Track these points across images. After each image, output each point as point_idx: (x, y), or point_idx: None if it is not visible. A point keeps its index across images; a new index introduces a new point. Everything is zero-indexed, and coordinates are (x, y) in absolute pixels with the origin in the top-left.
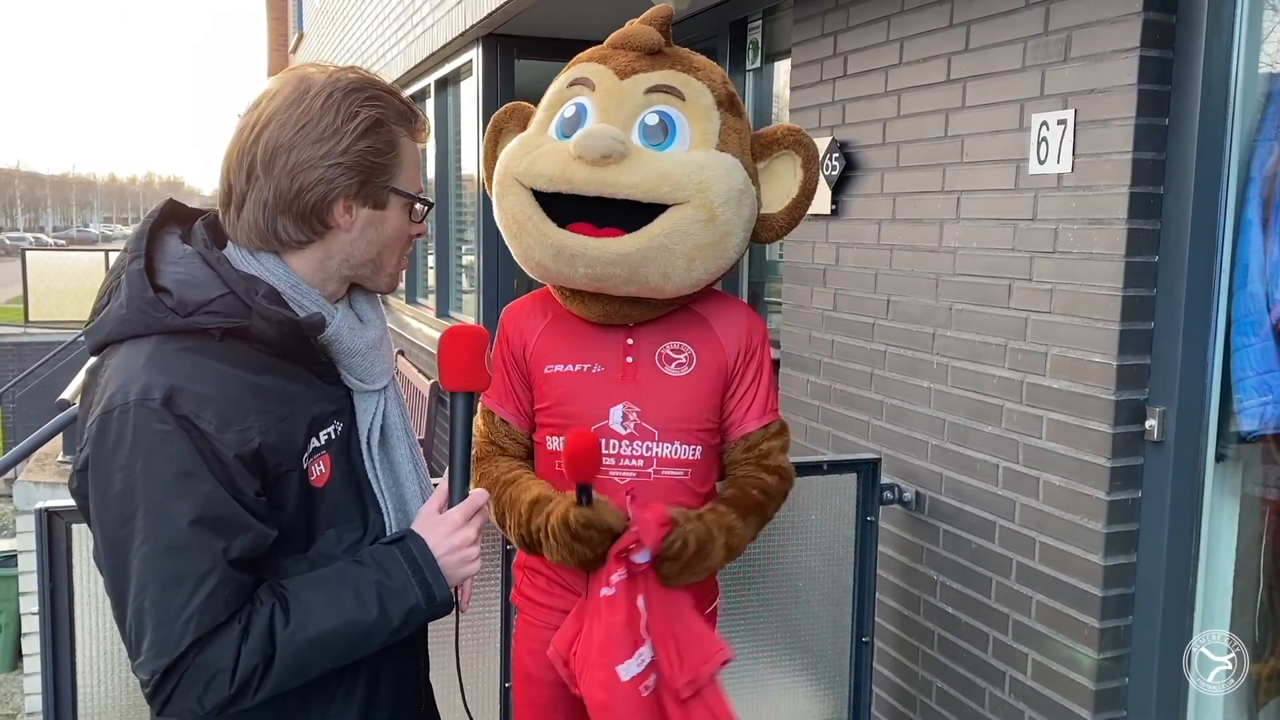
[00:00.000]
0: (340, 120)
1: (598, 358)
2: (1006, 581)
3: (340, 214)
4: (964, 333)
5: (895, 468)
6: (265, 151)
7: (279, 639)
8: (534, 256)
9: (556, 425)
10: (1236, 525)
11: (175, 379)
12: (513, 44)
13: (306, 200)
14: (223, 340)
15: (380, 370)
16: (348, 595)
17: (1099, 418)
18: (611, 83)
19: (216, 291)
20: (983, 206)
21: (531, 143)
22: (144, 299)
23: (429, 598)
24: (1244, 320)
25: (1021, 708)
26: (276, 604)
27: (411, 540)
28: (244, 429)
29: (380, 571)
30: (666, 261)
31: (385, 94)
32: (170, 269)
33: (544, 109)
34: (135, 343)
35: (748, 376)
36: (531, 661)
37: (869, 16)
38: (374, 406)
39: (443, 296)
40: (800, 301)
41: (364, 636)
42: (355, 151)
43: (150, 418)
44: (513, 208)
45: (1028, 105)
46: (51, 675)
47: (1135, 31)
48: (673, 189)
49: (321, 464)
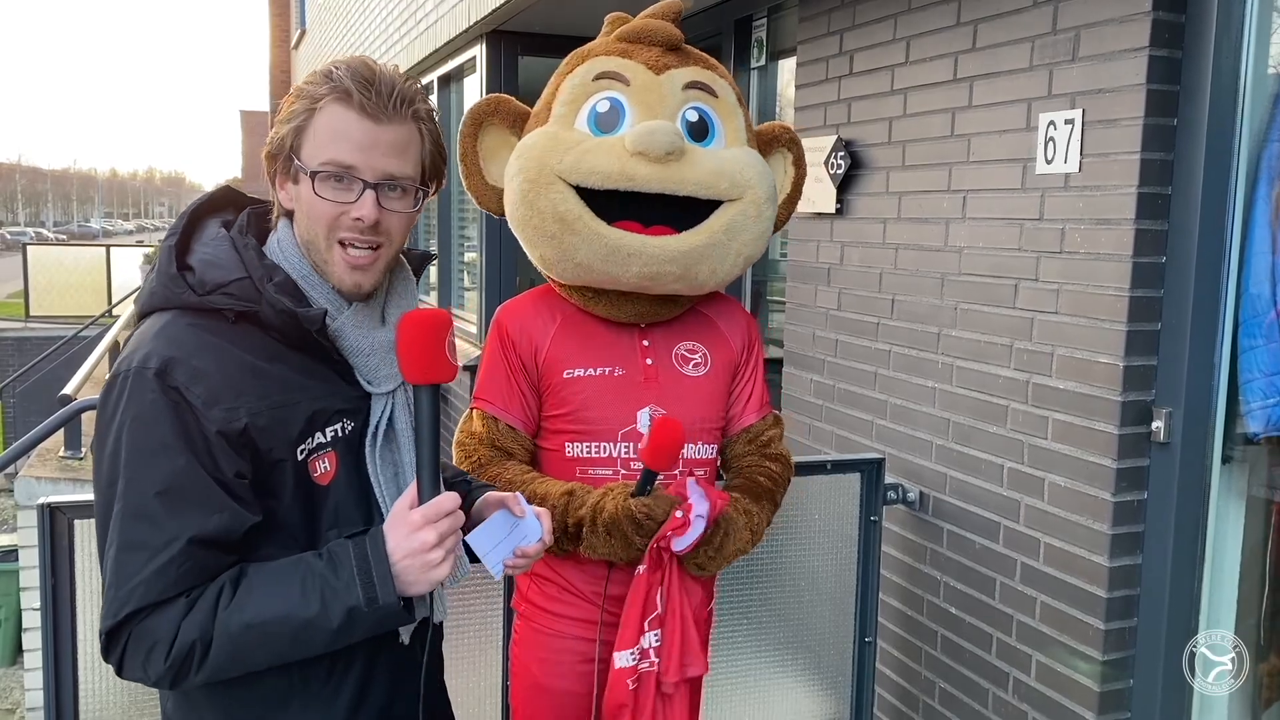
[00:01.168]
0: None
1: (617, 360)
2: (1011, 582)
3: (279, 190)
4: (969, 332)
5: (899, 468)
6: None
7: (218, 619)
8: (576, 257)
9: (578, 431)
10: (1242, 527)
11: (176, 351)
12: (516, 41)
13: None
14: (237, 323)
15: (386, 374)
16: (293, 586)
17: (1105, 419)
18: (647, 78)
19: (235, 274)
20: (989, 206)
21: (566, 138)
22: (168, 274)
23: (370, 599)
24: (1251, 322)
25: (1025, 709)
26: (227, 584)
27: (371, 538)
28: (231, 408)
29: (329, 566)
30: (719, 257)
31: (333, 69)
32: (201, 249)
33: (564, 103)
34: (158, 315)
35: (748, 371)
36: (539, 670)
37: (875, 15)
38: (381, 408)
39: (444, 294)
40: (804, 300)
41: (302, 631)
42: (280, 128)
43: (143, 385)
44: (556, 206)
45: (1035, 105)
46: (53, 671)
47: (1144, 31)
48: (730, 185)
49: (326, 461)
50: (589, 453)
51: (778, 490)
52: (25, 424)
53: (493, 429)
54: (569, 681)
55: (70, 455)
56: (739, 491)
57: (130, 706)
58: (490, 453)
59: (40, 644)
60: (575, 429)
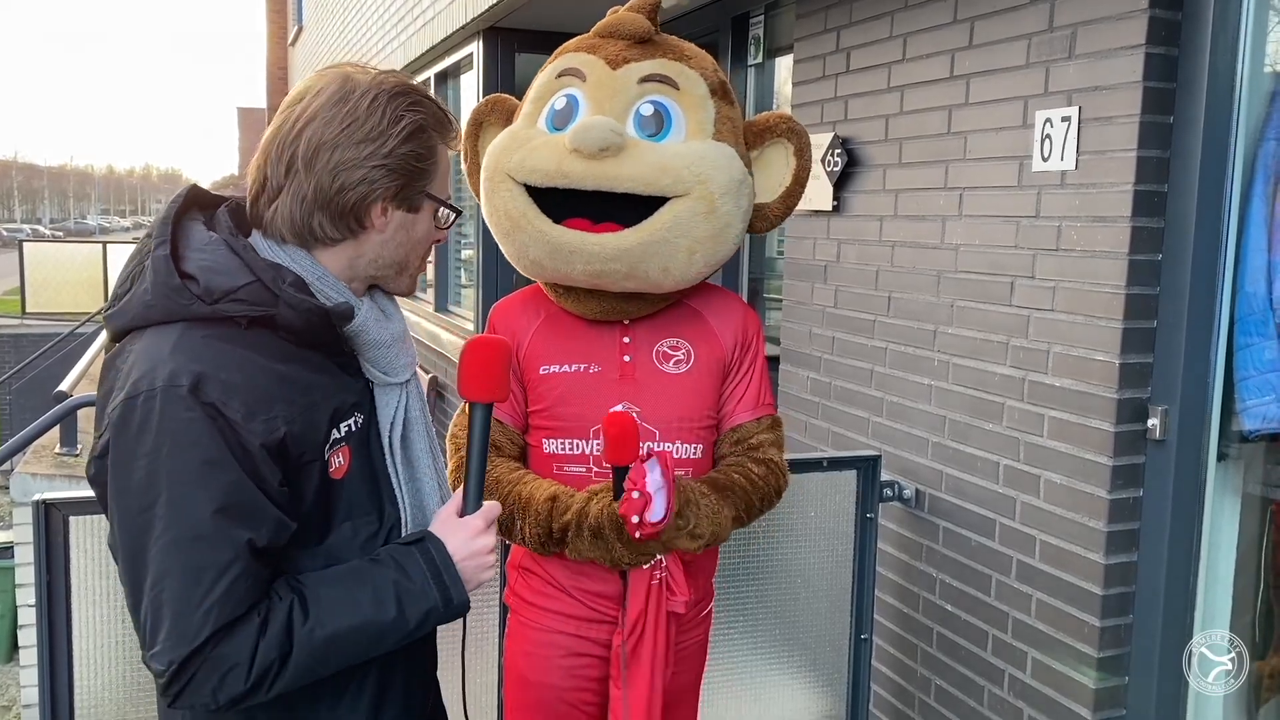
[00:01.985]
0: (386, 123)
1: (594, 357)
2: (1006, 579)
3: (377, 215)
4: (965, 330)
5: (895, 465)
6: (308, 147)
7: (297, 635)
8: (529, 254)
9: (554, 428)
10: (1237, 524)
11: (202, 366)
12: (513, 37)
13: (347, 199)
14: (249, 329)
15: (404, 364)
16: (365, 594)
17: (1101, 416)
18: (603, 73)
19: (243, 279)
20: (985, 204)
21: (521, 136)
22: (170, 285)
23: (446, 600)
24: (1247, 319)
25: (1021, 706)
26: (295, 600)
27: (430, 542)
28: (270, 418)
29: (399, 572)
30: (667, 255)
31: (426, 100)
32: (196, 255)
33: (531, 101)
34: (160, 329)
35: (742, 368)
36: (525, 664)
37: (872, 12)
38: (396, 400)
39: (441, 291)
40: (801, 298)
41: (380, 636)
42: (399, 155)
43: (177, 404)
44: (505, 204)
45: (1031, 102)
46: (48, 667)
47: (1141, 28)
48: (673, 181)
49: (341, 456)
50: (563, 449)
51: (753, 491)
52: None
53: None
54: (557, 676)
55: (66, 452)
56: (704, 484)
57: (125, 703)
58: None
59: (35, 641)
60: (550, 425)
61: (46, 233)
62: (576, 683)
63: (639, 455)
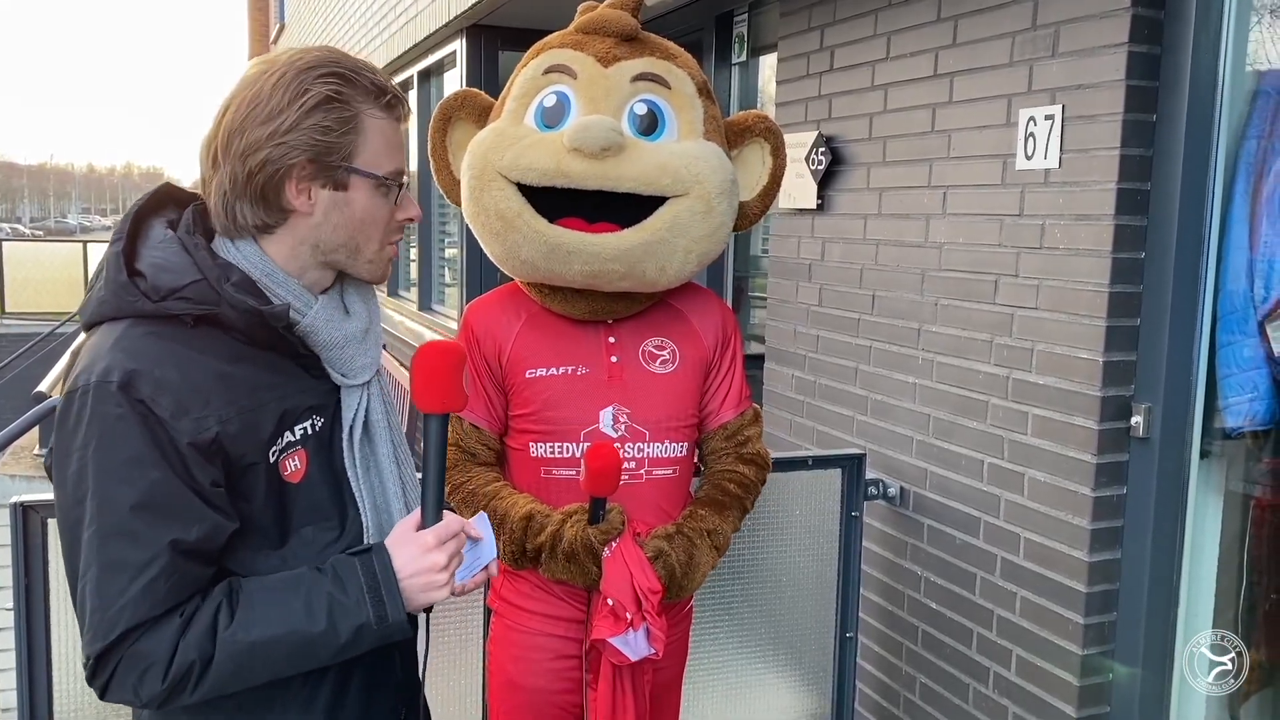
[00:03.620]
0: (288, 99)
1: (581, 359)
2: (991, 577)
3: (294, 195)
4: (950, 328)
5: (880, 463)
6: (223, 136)
7: (220, 638)
8: (520, 254)
9: (542, 431)
10: (1220, 521)
11: (137, 363)
12: (497, 35)
13: (256, 182)
14: (196, 327)
15: (362, 365)
16: (298, 603)
17: (1085, 414)
18: (595, 70)
19: (190, 278)
20: (969, 202)
21: (510, 134)
22: (118, 282)
23: (380, 617)
24: (1229, 317)
25: (1005, 703)
26: (224, 602)
27: (377, 554)
28: (200, 417)
29: (335, 583)
30: (666, 255)
31: (347, 71)
32: (149, 253)
33: (515, 98)
34: (110, 325)
35: (724, 366)
36: (514, 668)
37: (856, 10)
38: (357, 401)
39: (425, 290)
40: (785, 296)
41: (308, 648)
42: (301, 129)
43: (106, 400)
44: (497, 203)
45: (1015, 100)
46: (26, 671)
47: (1124, 27)
48: (673, 181)
49: (296, 459)
50: (553, 453)
51: (748, 496)
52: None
53: (457, 429)
54: (544, 679)
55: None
56: (705, 505)
57: (105, 707)
58: (456, 455)
59: (14, 645)
60: (539, 429)
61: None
62: (565, 685)
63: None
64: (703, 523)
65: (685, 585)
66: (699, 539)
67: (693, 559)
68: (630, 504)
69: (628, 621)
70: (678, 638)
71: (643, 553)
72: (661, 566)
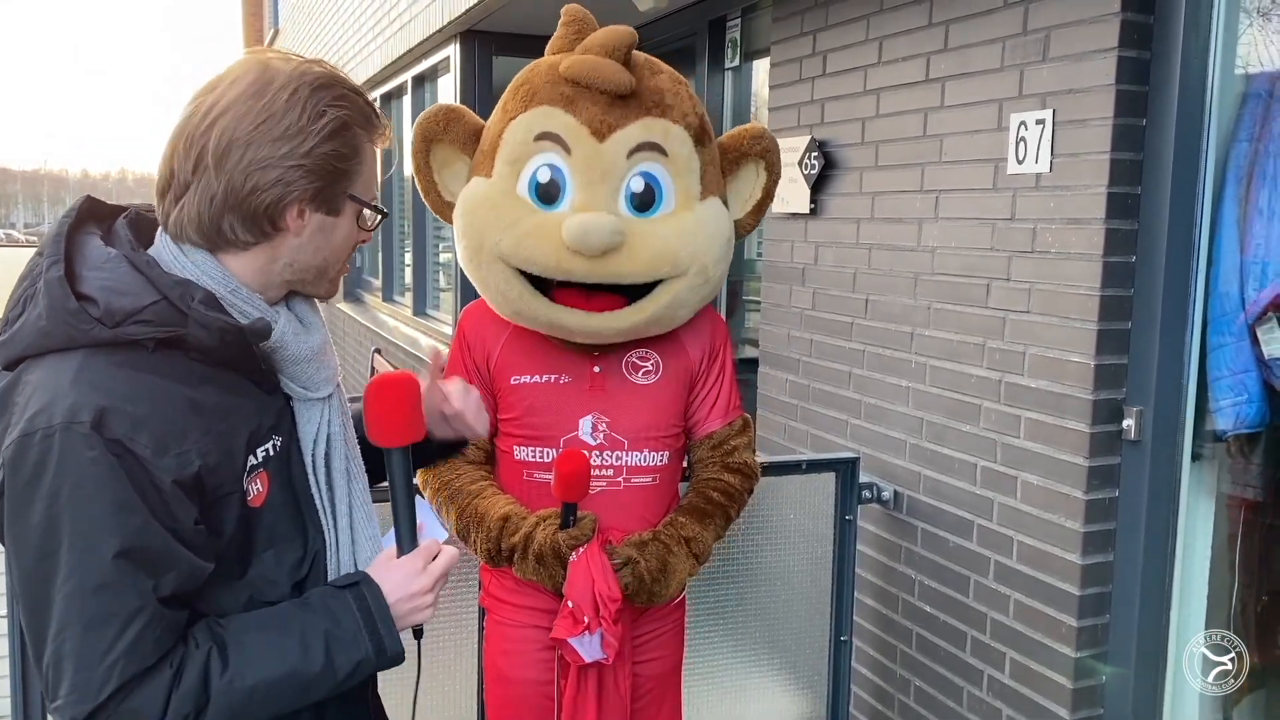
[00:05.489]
0: (306, 120)
1: (564, 368)
2: (985, 580)
3: (293, 218)
4: (942, 332)
5: (874, 467)
6: (219, 143)
7: (214, 687)
8: (521, 320)
9: (525, 436)
10: (1212, 524)
11: (106, 399)
12: (490, 40)
13: (260, 200)
14: (156, 351)
15: (324, 377)
16: (292, 642)
17: (1077, 417)
18: (590, 148)
19: (148, 299)
20: (961, 206)
21: (506, 211)
22: (66, 309)
23: (379, 650)
24: (1220, 320)
25: (999, 706)
26: (214, 648)
27: (366, 586)
28: (182, 452)
29: (330, 619)
30: (669, 322)
31: (351, 94)
32: (94, 275)
33: (505, 160)
34: (59, 357)
35: (711, 376)
36: (505, 662)
37: (848, 15)
38: (319, 416)
39: (420, 294)
40: (779, 300)
41: (307, 687)
42: (319, 155)
43: (78, 443)
44: (497, 283)
45: (1006, 105)
46: (20, 677)
47: (1113, 32)
48: (672, 267)
49: (259, 482)
50: (534, 457)
51: (732, 504)
52: None
53: None
54: (533, 670)
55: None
56: (686, 514)
57: None
58: None
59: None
60: (521, 433)
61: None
62: (553, 675)
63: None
64: (681, 530)
65: (657, 592)
66: (676, 546)
67: (667, 566)
68: (611, 511)
69: (584, 625)
70: (667, 630)
71: (608, 560)
72: (630, 574)
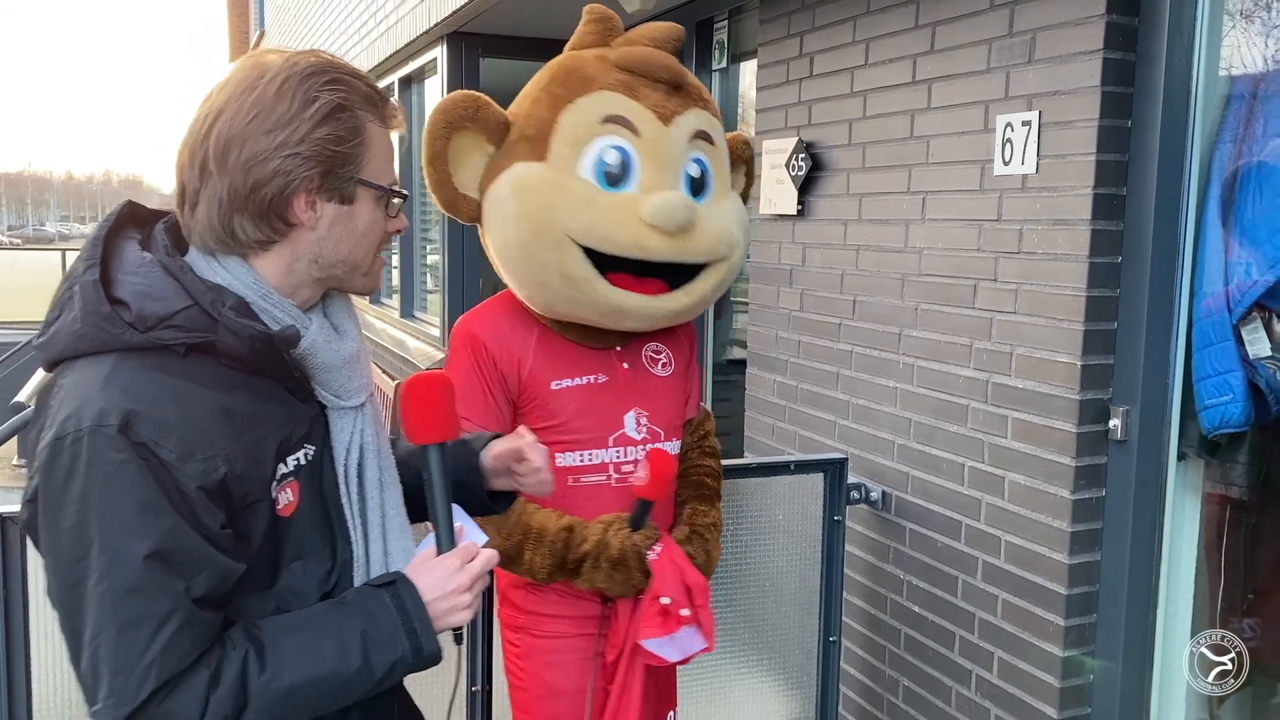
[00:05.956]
0: (296, 107)
1: (599, 367)
2: (973, 580)
3: (302, 209)
4: (930, 333)
5: (862, 467)
6: (217, 144)
7: (252, 688)
8: (573, 309)
9: (570, 441)
10: (1198, 523)
11: (134, 403)
12: (478, 42)
13: (263, 195)
14: (187, 356)
15: (358, 385)
16: (329, 643)
17: (1064, 417)
18: (658, 130)
19: (180, 304)
20: (948, 207)
21: (574, 191)
22: (99, 313)
23: (416, 650)
24: (1205, 320)
25: (988, 706)
26: (251, 650)
27: (403, 586)
28: (208, 458)
29: (367, 619)
30: (703, 307)
31: (348, 77)
32: (128, 279)
33: (567, 143)
34: (92, 360)
35: (695, 367)
36: (551, 674)
37: (835, 17)
38: (352, 425)
39: (407, 297)
40: (766, 302)
41: (344, 687)
42: (314, 140)
43: (105, 446)
44: (563, 265)
45: (992, 106)
46: (5, 684)
47: (1099, 34)
48: (728, 248)
49: (289, 491)
50: (581, 461)
51: (719, 485)
52: None
53: None
54: (587, 676)
55: (23, 463)
56: (698, 502)
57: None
58: None
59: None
60: (566, 439)
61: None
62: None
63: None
64: (706, 518)
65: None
66: (710, 534)
67: (709, 555)
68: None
69: (683, 619)
70: None
71: (684, 552)
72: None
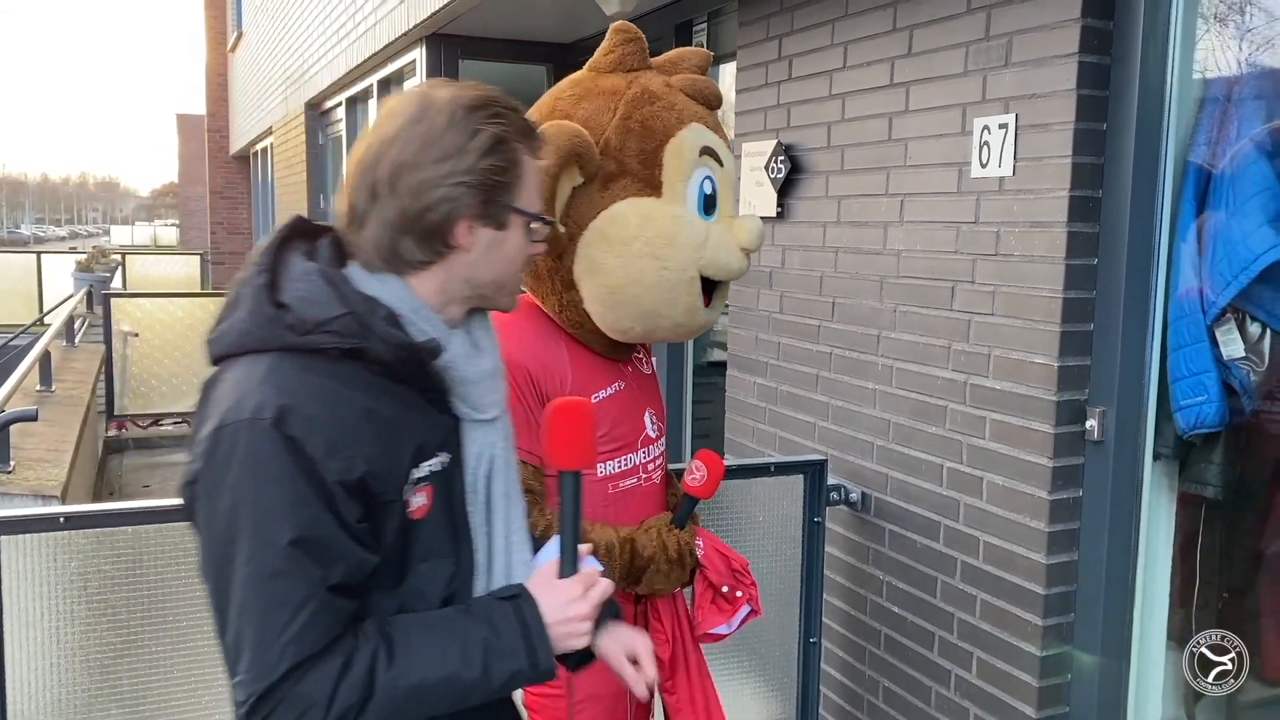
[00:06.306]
0: (464, 138)
1: (619, 374)
2: (952, 581)
3: (463, 234)
4: (908, 334)
5: (841, 469)
6: (390, 170)
7: (379, 681)
8: (668, 334)
9: (610, 450)
10: (1174, 522)
11: (288, 399)
12: (456, 44)
13: (430, 219)
14: (340, 361)
15: (492, 400)
16: (454, 648)
17: (1041, 418)
18: (729, 159)
19: (336, 311)
20: (926, 209)
21: (697, 225)
22: (264, 314)
23: (534, 663)
24: (1180, 321)
25: (967, 705)
26: (382, 644)
27: (525, 601)
28: (350, 456)
29: (490, 629)
30: None
31: (507, 110)
32: (292, 285)
33: (679, 177)
34: (253, 358)
35: None
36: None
37: (813, 20)
38: (484, 438)
39: None
40: (746, 304)
41: (463, 693)
42: (478, 170)
43: (260, 437)
44: (691, 300)
45: (969, 109)
46: None
47: (1074, 37)
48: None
49: (423, 495)
50: (620, 467)
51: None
52: None
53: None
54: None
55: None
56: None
57: None
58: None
59: None
60: (608, 448)
61: None
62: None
63: None
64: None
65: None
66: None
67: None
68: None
69: (739, 600)
70: None
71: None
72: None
